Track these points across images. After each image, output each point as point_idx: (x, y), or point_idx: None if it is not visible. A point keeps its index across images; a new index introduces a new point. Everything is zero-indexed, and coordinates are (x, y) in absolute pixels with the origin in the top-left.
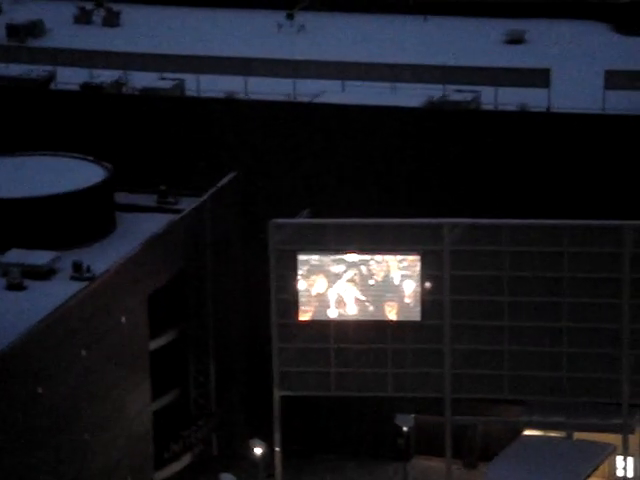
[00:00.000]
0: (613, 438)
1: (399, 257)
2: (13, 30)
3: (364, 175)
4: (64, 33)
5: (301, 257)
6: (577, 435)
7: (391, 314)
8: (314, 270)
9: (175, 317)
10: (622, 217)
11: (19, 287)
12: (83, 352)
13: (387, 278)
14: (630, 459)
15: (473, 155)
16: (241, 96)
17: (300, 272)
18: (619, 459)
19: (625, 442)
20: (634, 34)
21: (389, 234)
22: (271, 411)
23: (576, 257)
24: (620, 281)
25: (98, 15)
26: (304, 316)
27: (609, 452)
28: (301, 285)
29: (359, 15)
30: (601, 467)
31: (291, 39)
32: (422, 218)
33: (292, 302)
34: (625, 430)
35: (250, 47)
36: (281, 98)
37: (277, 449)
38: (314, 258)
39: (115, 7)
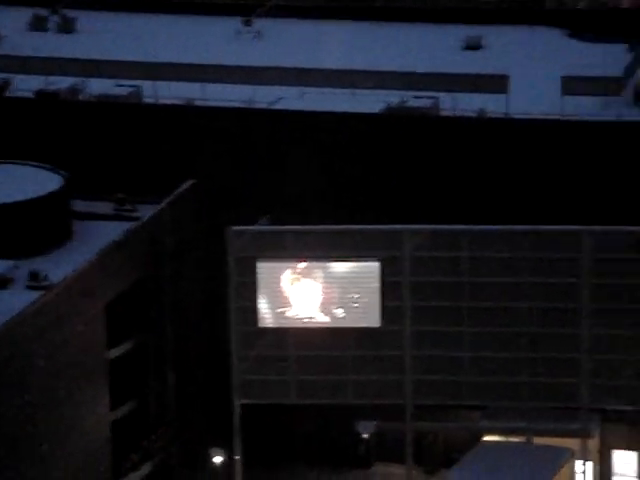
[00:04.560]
0: (572, 442)
1: (359, 263)
2: None
3: (323, 181)
4: (18, 40)
5: (260, 264)
6: (537, 440)
7: (351, 320)
8: (273, 277)
9: (134, 326)
10: (580, 222)
11: None
12: (40, 362)
13: (346, 284)
14: (589, 463)
15: (432, 161)
16: (199, 103)
17: (259, 279)
18: (578, 463)
19: (584, 446)
20: (590, 40)
21: (349, 241)
22: (231, 420)
23: (535, 262)
24: (579, 286)
25: (53, 21)
26: (264, 323)
27: (568, 457)
28: (260, 292)
29: (316, 22)
30: (561, 472)
31: (248, 45)
32: (382, 224)
33: (251, 309)
34: (584, 434)
35: (207, 53)
36: (239, 104)
37: (237, 458)
38: (273, 265)
39: (70, 13)
